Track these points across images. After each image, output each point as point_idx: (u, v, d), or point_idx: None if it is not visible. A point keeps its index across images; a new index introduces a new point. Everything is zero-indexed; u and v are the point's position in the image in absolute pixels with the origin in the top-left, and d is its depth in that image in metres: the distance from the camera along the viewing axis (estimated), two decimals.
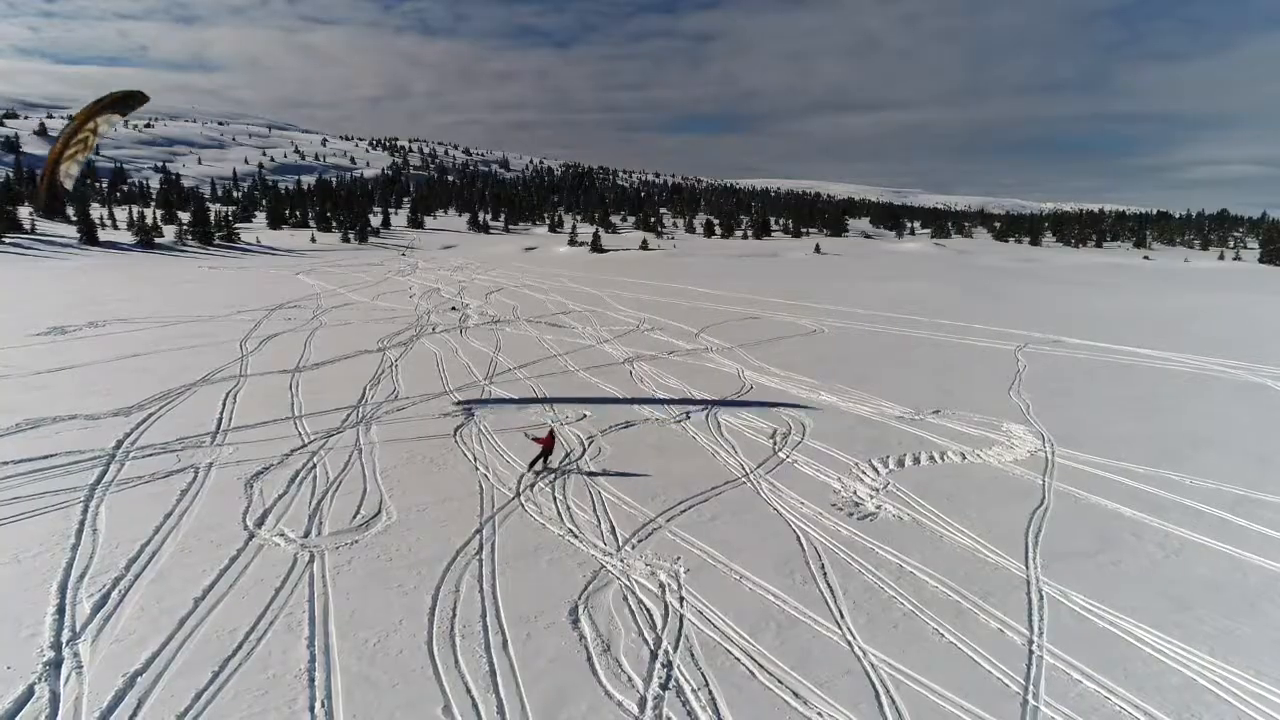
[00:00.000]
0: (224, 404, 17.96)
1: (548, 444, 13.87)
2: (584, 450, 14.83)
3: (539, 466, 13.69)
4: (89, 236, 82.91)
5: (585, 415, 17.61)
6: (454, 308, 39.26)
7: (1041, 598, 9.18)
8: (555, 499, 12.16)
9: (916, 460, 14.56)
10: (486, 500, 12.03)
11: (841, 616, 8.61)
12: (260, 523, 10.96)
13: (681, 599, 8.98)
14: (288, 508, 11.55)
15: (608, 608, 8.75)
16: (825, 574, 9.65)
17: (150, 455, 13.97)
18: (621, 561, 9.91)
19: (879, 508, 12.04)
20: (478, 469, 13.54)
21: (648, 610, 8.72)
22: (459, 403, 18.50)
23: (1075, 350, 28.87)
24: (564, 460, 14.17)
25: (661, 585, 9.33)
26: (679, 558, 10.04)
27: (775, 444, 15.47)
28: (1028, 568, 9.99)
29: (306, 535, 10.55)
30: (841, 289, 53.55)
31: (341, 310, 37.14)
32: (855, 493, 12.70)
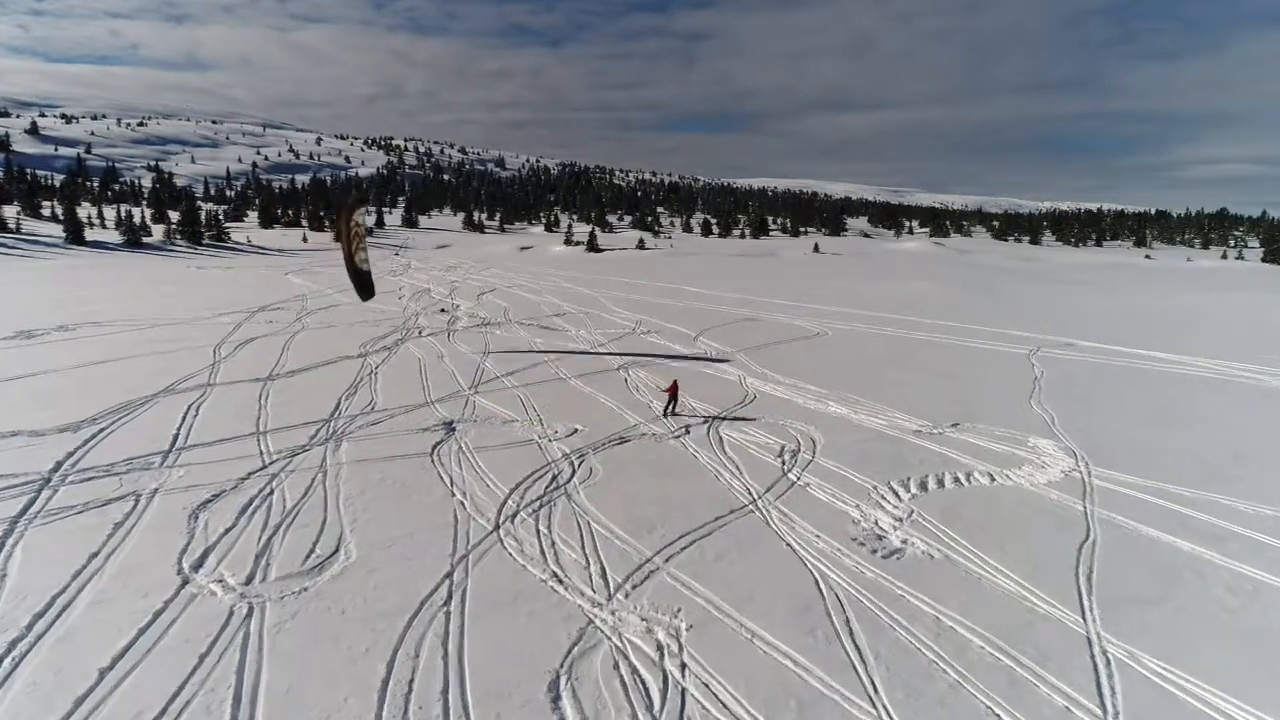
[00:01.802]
0: (184, 418, 16.52)
1: (673, 391, 17.83)
2: (573, 471, 13.43)
3: (671, 410, 17.52)
4: (75, 236, 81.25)
5: (577, 429, 16.21)
6: (444, 309, 37.90)
7: (1108, 661, 7.80)
8: (538, 532, 10.75)
9: (941, 482, 13.19)
10: (461, 534, 10.62)
11: (875, 691, 7.22)
12: (198, 565, 9.54)
13: (683, 665, 7.58)
14: (233, 545, 10.12)
15: (595, 678, 7.35)
16: (851, 630, 8.26)
17: (90, 479, 12.53)
18: (613, 615, 8.50)
19: (905, 542, 10.65)
20: (454, 495, 12.13)
21: (643, 682, 7.31)
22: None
23: (1089, 354, 27.56)
24: (551, 483, 12.77)
25: (659, 646, 7.93)
26: (680, 610, 8.63)
27: (784, 463, 14.09)
28: (1085, 620, 8.61)
29: (249, 581, 9.13)
30: (842, 289, 52.23)
31: (326, 312, 35.70)
32: (877, 523, 11.31)
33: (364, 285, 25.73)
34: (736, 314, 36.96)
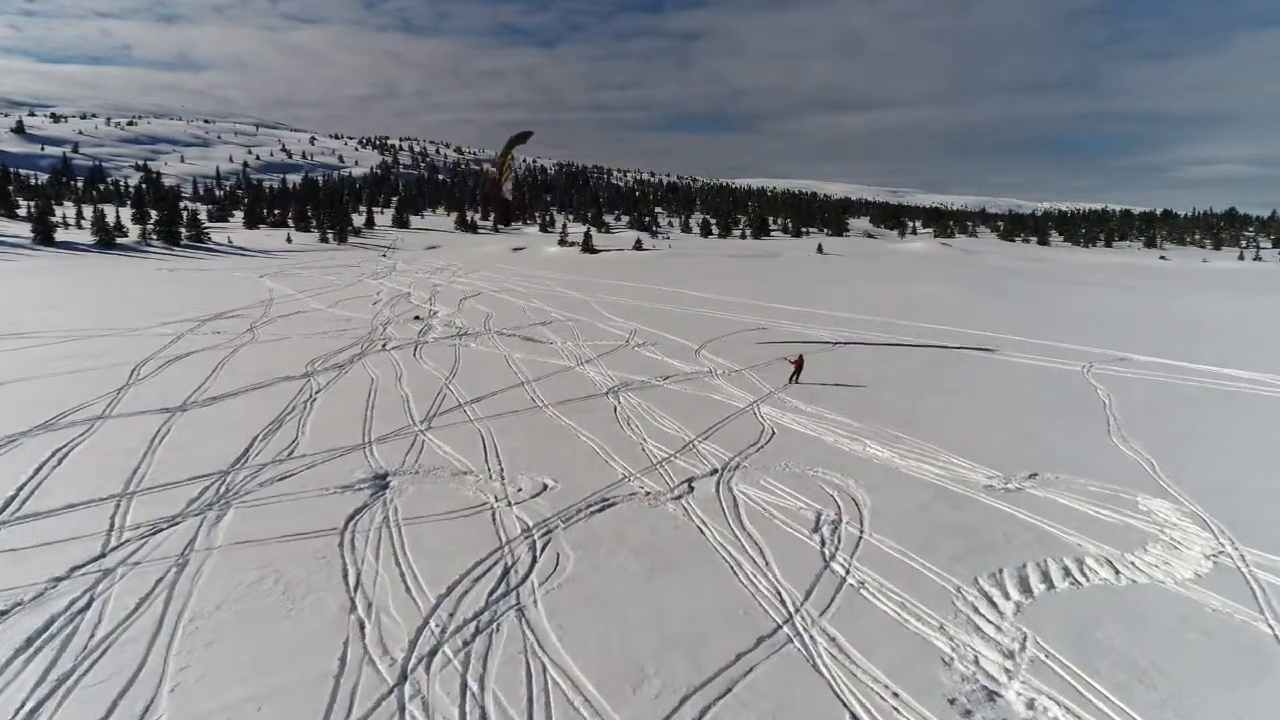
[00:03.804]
0: (40, 469, 12.72)
1: (799, 364, 20.32)
2: (534, 561, 9.63)
3: (794, 380, 19.99)
4: (44, 236, 77.30)
5: (547, 486, 12.45)
6: (418, 316, 34.18)
7: None
8: (465, 691, 6.96)
9: (1047, 578, 9.42)
10: (342, 697, 6.83)
11: None
12: None
13: None
14: None
15: None
16: None
17: None
18: None
19: (1032, 706, 6.89)
20: (354, 610, 8.33)
21: None
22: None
23: (1152, 370, 23.85)
24: (500, 585, 8.99)
25: None
26: None
27: (823, 543, 10.32)
28: None
29: None
30: (851, 292, 48.56)
31: (287, 321, 31.92)
32: (978, 662, 7.54)
33: (506, 212, 30.32)
34: (741, 321, 33.22)
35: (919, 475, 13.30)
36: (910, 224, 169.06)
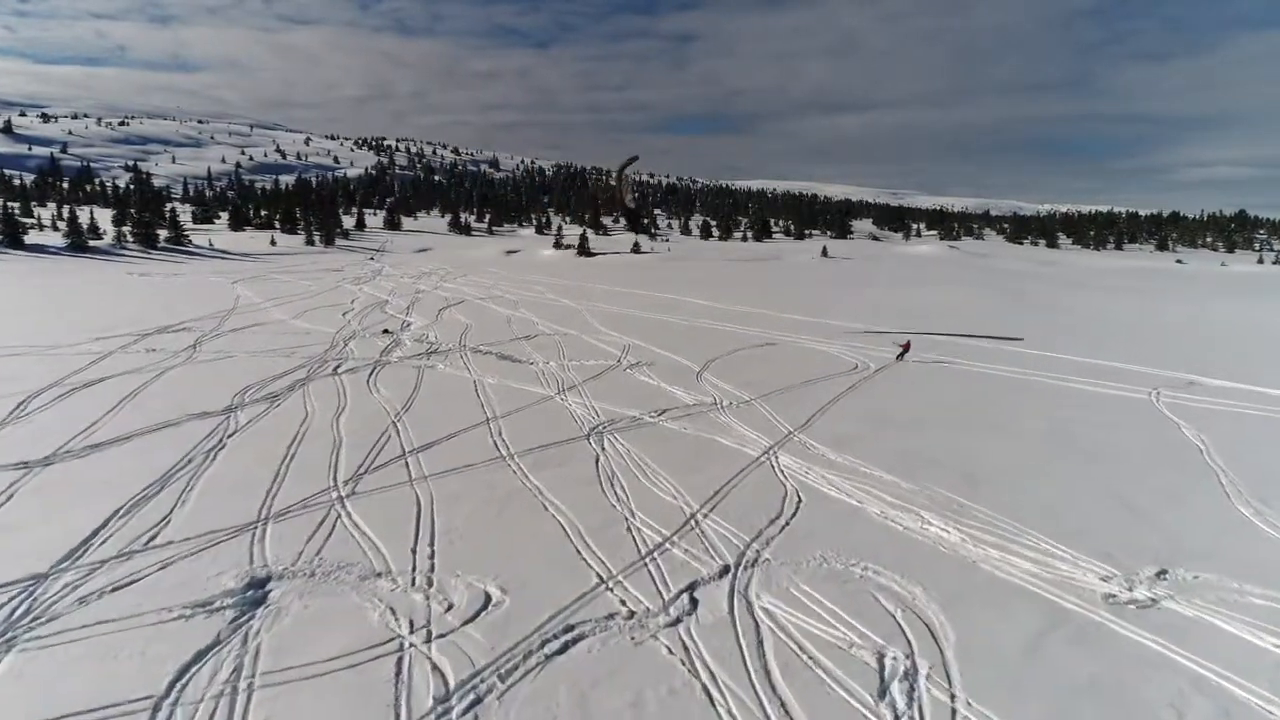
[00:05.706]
0: None
1: (906, 347, 24.31)
2: None
3: (900, 359, 23.64)
4: (12, 239, 73.61)
5: (489, 599, 8.80)
6: (387, 330, 30.59)
7: None
8: None
9: None
10: None
11: None
12: None
13: None
14: None
15: None
16: None
17: None
18: None
19: None
20: None
21: None
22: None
23: (1233, 400, 20.19)
24: None
25: None
26: None
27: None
28: None
29: None
30: (864, 298, 44.97)
31: (239, 335, 28.30)
32: None
33: (633, 219, 48.29)
34: (747, 335, 29.58)
35: (1008, 576, 9.64)
36: (914, 226, 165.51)
